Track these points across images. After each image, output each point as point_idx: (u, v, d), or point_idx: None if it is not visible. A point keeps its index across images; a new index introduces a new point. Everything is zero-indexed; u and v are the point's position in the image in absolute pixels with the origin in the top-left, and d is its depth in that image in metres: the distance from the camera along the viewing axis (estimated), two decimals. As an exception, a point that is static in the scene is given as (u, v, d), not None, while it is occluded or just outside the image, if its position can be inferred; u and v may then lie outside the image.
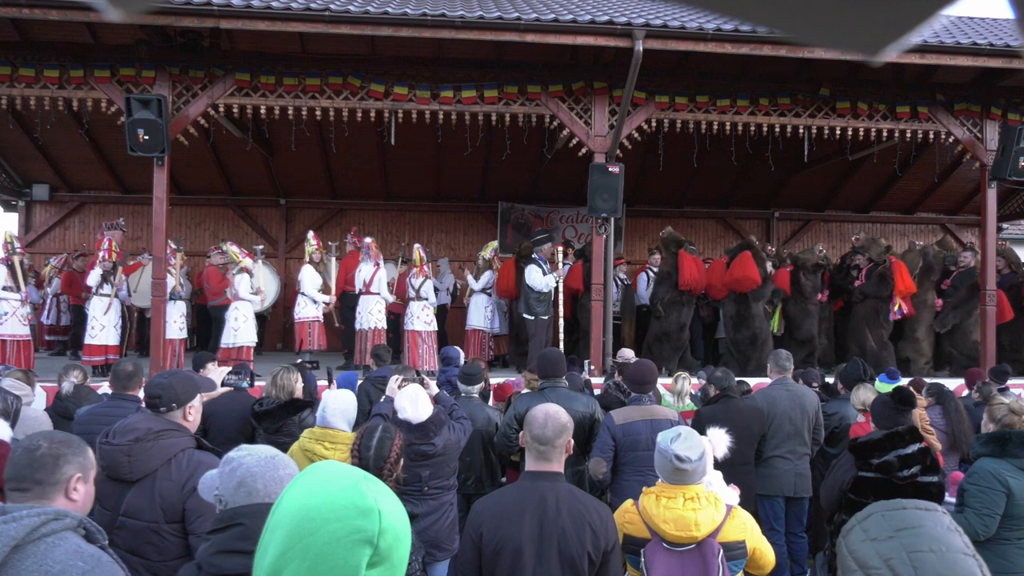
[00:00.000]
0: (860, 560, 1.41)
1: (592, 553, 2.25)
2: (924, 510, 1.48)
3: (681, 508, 2.51)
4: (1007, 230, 15.40)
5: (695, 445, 2.58)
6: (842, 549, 1.55)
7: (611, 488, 4.15)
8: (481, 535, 2.28)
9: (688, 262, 8.97)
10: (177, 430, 2.72)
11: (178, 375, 3.02)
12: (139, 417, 2.75)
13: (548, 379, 4.45)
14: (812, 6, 0.56)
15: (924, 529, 1.38)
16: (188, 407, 2.81)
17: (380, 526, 1.13)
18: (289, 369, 4.48)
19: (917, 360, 9.12)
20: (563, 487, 2.35)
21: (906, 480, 3.07)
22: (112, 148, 11.33)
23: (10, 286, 8.00)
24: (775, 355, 5.27)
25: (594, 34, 7.33)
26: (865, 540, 1.44)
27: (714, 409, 4.66)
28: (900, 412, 3.33)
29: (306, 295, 8.73)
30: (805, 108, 8.62)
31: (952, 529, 1.41)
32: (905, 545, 1.36)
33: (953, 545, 1.34)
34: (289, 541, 1.12)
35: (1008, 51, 7.70)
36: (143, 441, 2.60)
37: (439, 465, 3.64)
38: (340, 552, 1.10)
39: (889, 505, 1.50)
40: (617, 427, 4.05)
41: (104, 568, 1.72)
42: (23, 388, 4.36)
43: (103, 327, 8.34)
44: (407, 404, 3.46)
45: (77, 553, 1.69)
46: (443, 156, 11.60)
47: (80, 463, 1.91)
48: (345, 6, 7.11)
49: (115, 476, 2.60)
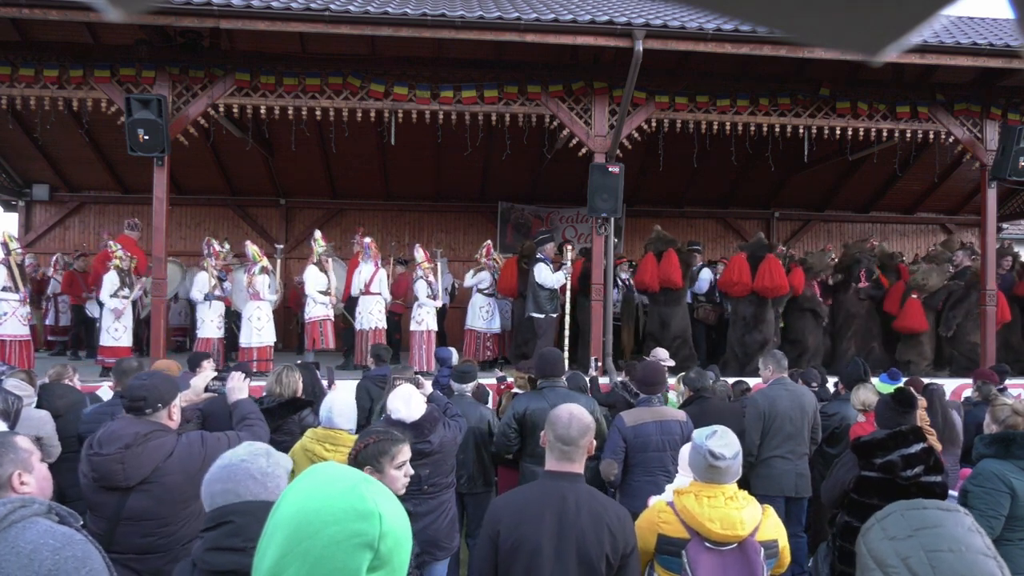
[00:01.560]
0: (878, 558, 1.41)
1: (610, 555, 2.24)
2: (945, 510, 1.47)
3: (724, 507, 2.50)
4: (1007, 230, 15.40)
5: (731, 443, 2.57)
6: (860, 547, 1.55)
7: (621, 489, 4.16)
8: (499, 532, 2.28)
9: (650, 264, 8.94)
10: (163, 430, 2.71)
11: (157, 375, 2.99)
12: (122, 423, 2.71)
13: (547, 379, 4.45)
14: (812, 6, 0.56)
15: (944, 529, 1.37)
16: (171, 407, 2.80)
17: (381, 530, 1.12)
18: (292, 368, 4.50)
19: (919, 362, 9.10)
20: (583, 488, 2.35)
21: (910, 480, 3.05)
22: (112, 148, 11.33)
23: (9, 286, 8.00)
24: (772, 355, 5.28)
25: (594, 34, 7.33)
26: (884, 538, 1.43)
27: (690, 410, 4.62)
28: (902, 413, 3.32)
29: (308, 295, 8.75)
30: (805, 108, 8.62)
31: (973, 530, 1.39)
32: (924, 544, 1.35)
33: (973, 546, 1.33)
34: (288, 544, 1.12)
35: (1008, 51, 7.70)
36: (133, 446, 2.58)
37: (437, 463, 3.64)
38: (340, 556, 1.10)
39: (909, 504, 1.49)
40: (628, 428, 4.06)
41: (76, 545, 1.74)
42: (26, 389, 4.36)
43: (122, 329, 8.35)
44: (400, 404, 3.46)
45: (48, 532, 1.72)
46: (443, 156, 11.61)
47: (13, 459, 1.92)
48: (345, 6, 7.11)
49: (110, 485, 2.57)
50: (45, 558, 1.67)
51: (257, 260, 8.55)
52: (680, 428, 4.06)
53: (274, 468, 1.85)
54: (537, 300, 8.73)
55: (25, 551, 1.66)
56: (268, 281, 8.56)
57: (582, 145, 8.34)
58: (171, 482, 2.62)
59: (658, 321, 9.24)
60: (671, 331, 9.11)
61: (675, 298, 9.17)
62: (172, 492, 2.62)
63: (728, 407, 4.79)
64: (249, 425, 3.19)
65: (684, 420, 4.19)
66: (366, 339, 8.64)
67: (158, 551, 2.59)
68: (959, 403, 5.89)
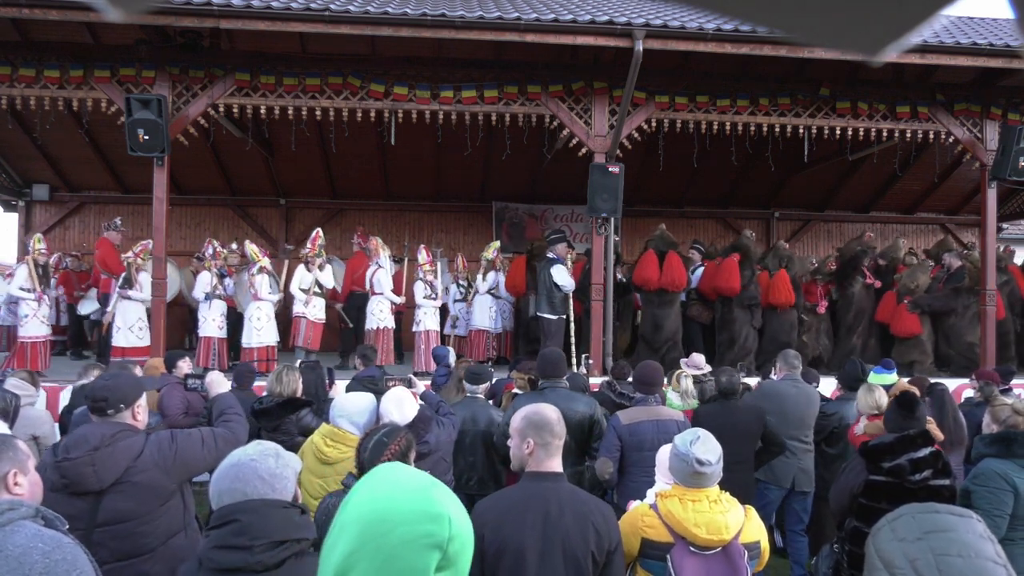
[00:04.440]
0: (886, 559, 1.40)
1: (596, 553, 2.25)
2: (957, 515, 1.47)
3: (710, 511, 2.50)
4: (1007, 230, 15.40)
5: (713, 448, 2.58)
6: (869, 547, 1.54)
7: (618, 489, 4.16)
8: (483, 536, 2.27)
9: (651, 262, 8.96)
10: (129, 430, 2.64)
11: (121, 376, 2.91)
12: (88, 428, 2.64)
13: (548, 379, 4.45)
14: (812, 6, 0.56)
15: (955, 534, 1.36)
16: (136, 407, 2.73)
17: (450, 532, 1.17)
18: (292, 368, 4.51)
19: (923, 360, 9.11)
20: (565, 487, 2.35)
21: (918, 484, 3.02)
22: (112, 148, 11.33)
23: (27, 287, 8.05)
24: (784, 354, 5.36)
25: (594, 34, 7.33)
26: (893, 540, 1.43)
27: (712, 408, 4.68)
28: (906, 416, 3.31)
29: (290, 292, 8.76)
30: (805, 108, 8.62)
31: (985, 537, 1.39)
32: (933, 548, 1.34)
33: (983, 552, 1.32)
34: (359, 541, 1.16)
35: (1008, 51, 7.70)
36: (101, 448, 2.52)
37: (436, 463, 3.64)
38: (410, 555, 1.14)
39: (921, 507, 1.49)
40: (623, 427, 4.06)
41: (65, 549, 1.74)
42: (27, 388, 4.37)
43: (129, 328, 8.36)
44: (392, 408, 3.45)
45: (37, 536, 1.72)
46: (443, 156, 11.60)
47: (11, 458, 1.91)
48: (345, 6, 7.11)
49: (81, 490, 2.50)
50: (36, 561, 1.66)
51: (256, 260, 8.55)
52: (677, 428, 4.04)
53: (282, 469, 1.86)
54: (551, 300, 8.70)
55: (14, 554, 1.65)
56: (268, 281, 8.55)
57: (582, 145, 8.33)
58: (146, 479, 2.56)
59: (651, 322, 9.22)
60: (664, 333, 9.14)
61: (670, 300, 9.18)
62: (148, 489, 2.56)
63: (750, 407, 4.78)
64: (226, 420, 3.11)
65: (682, 420, 4.18)
66: (371, 339, 8.64)
67: (142, 553, 2.53)
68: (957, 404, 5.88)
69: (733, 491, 2.74)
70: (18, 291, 8.13)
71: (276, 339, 8.56)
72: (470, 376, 4.85)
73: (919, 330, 9.14)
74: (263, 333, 8.36)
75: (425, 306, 9.02)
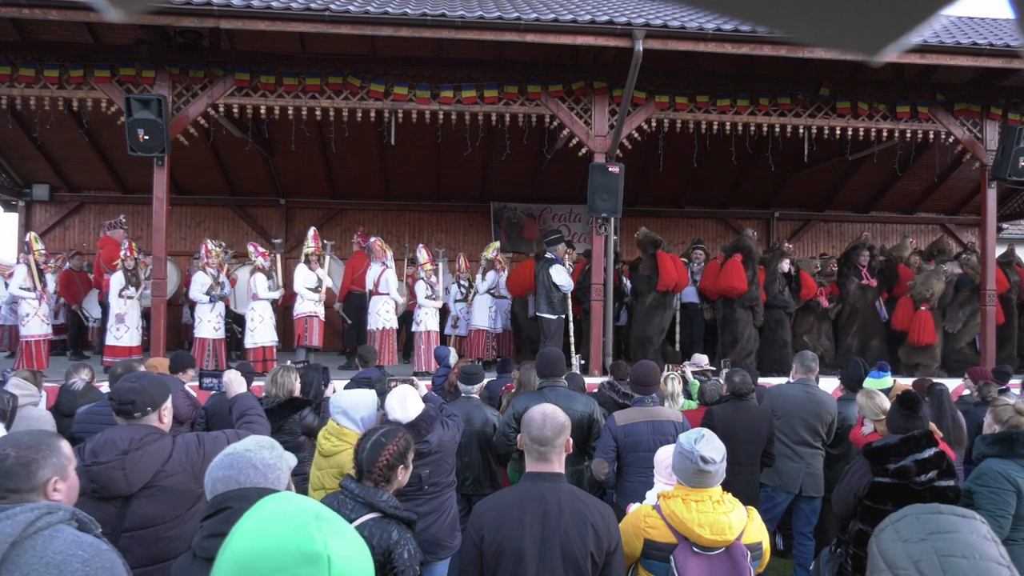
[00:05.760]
0: (889, 560, 1.40)
1: (595, 553, 2.24)
2: (961, 516, 1.46)
3: (713, 511, 2.50)
4: (1007, 230, 15.39)
5: (718, 447, 2.58)
6: (872, 548, 1.54)
7: (616, 489, 4.15)
8: (483, 537, 2.27)
9: (667, 262, 8.93)
10: (157, 434, 2.61)
11: (147, 377, 2.86)
12: (114, 431, 2.60)
13: (547, 379, 4.45)
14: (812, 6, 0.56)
15: (959, 535, 1.36)
16: (163, 409, 2.70)
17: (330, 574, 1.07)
18: (288, 368, 4.50)
19: (930, 364, 9.07)
20: (564, 488, 2.34)
21: (923, 485, 3.01)
22: (112, 148, 11.33)
23: (27, 286, 8.07)
24: (801, 356, 5.26)
25: (594, 34, 7.33)
26: (896, 540, 1.43)
27: (724, 408, 4.67)
28: (909, 417, 3.30)
29: (296, 291, 8.74)
30: (805, 108, 8.62)
31: (988, 539, 1.38)
32: (937, 549, 1.34)
33: (987, 554, 1.32)
34: None
35: (1008, 51, 7.70)
36: (131, 452, 2.49)
37: (437, 463, 3.64)
38: None
39: (925, 508, 1.48)
40: (618, 428, 4.05)
41: (104, 556, 1.72)
42: (28, 388, 4.34)
43: (127, 328, 8.36)
44: (396, 405, 3.46)
45: (76, 543, 1.69)
46: (443, 156, 11.60)
47: (54, 464, 1.86)
48: (345, 6, 7.11)
49: (109, 495, 2.46)
50: (76, 569, 1.63)
51: (252, 260, 8.54)
52: (675, 428, 4.03)
53: (276, 460, 1.85)
54: (551, 300, 8.70)
55: (55, 561, 1.62)
56: (264, 280, 8.53)
57: (582, 145, 8.33)
58: (174, 483, 2.54)
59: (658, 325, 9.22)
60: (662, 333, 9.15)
61: (667, 302, 9.19)
62: (176, 493, 2.53)
63: (759, 409, 4.77)
64: (248, 422, 3.11)
65: (679, 420, 4.16)
66: (375, 340, 8.63)
67: (168, 557, 2.45)
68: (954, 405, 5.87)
69: (737, 493, 2.74)
70: (18, 290, 8.15)
71: (274, 339, 8.52)
72: (464, 376, 4.85)
73: (935, 340, 9.11)
74: (257, 334, 8.31)
75: (426, 306, 9.03)
